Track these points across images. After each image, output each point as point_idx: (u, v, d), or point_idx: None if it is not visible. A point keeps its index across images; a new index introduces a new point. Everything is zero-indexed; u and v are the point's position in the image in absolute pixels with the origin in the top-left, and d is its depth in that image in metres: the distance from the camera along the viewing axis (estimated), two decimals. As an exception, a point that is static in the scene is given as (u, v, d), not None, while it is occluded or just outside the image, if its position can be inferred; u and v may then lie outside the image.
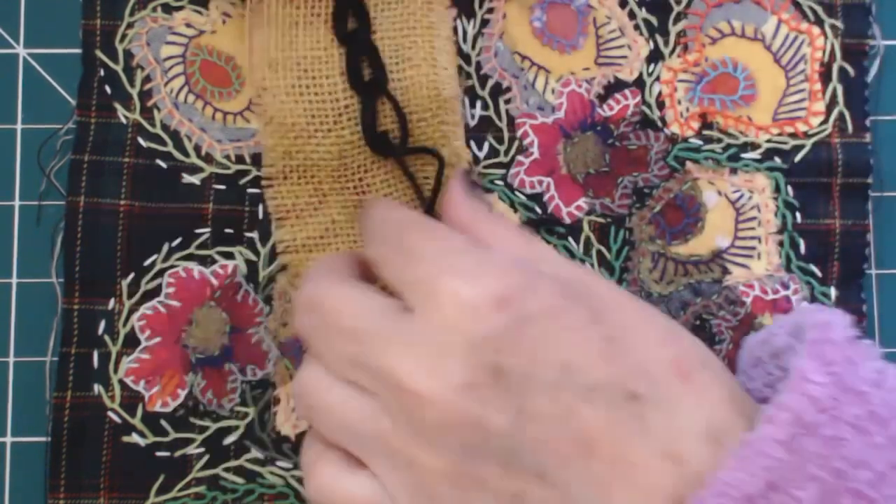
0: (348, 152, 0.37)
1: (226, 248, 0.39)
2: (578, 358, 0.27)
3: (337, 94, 0.37)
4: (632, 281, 0.39)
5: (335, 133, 0.37)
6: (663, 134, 0.40)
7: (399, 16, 0.38)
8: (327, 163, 0.37)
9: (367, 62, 0.37)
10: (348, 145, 0.37)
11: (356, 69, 0.37)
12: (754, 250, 0.40)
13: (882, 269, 0.40)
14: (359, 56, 0.37)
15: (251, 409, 0.39)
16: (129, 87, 0.39)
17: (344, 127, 0.37)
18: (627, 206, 0.40)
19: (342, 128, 0.37)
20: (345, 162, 0.38)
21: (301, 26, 0.38)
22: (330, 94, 0.37)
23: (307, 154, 0.37)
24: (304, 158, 0.37)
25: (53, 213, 0.39)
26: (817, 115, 0.40)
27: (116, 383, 0.38)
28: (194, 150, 0.39)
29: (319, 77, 0.37)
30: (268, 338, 0.39)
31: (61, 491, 0.38)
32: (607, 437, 0.26)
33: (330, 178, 0.38)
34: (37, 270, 0.39)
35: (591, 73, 0.40)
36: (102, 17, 0.39)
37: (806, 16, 0.40)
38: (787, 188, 0.40)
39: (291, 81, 0.37)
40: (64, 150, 0.40)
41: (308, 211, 0.38)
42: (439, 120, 0.37)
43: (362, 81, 0.37)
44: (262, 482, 0.39)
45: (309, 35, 0.38)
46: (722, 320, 0.39)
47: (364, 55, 0.37)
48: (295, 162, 0.38)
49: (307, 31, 0.38)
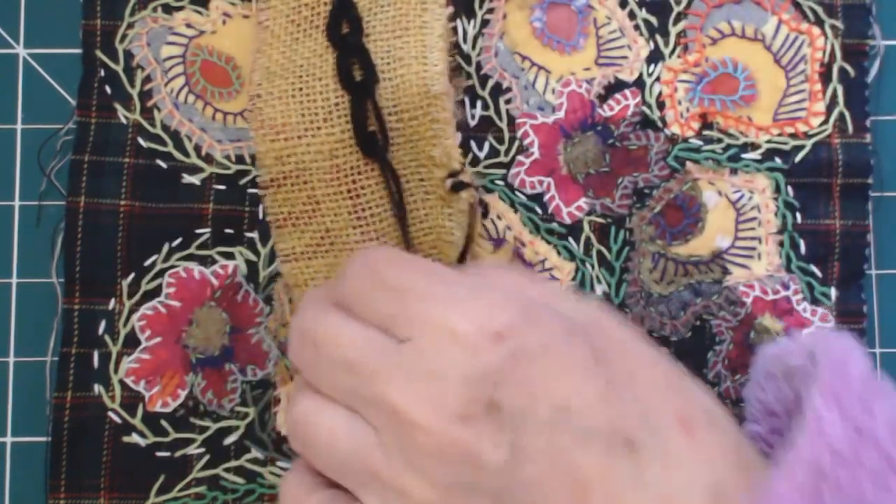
0: (339, 152, 0.37)
1: (226, 249, 0.39)
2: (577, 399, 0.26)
3: (328, 95, 0.37)
4: (632, 281, 0.39)
5: (325, 131, 0.37)
6: (663, 134, 0.40)
7: (392, 18, 0.38)
8: (319, 164, 0.37)
9: (358, 64, 0.37)
10: (339, 144, 0.37)
11: (347, 69, 0.37)
12: (754, 251, 0.40)
13: (882, 269, 0.40)
14: (349, 58, 0.37)
15: (251, 410, 0.39)
16: (129, 88, 0.39)
17: (334, 125, 0.37)
18: (628, 207, 0.40)
19: (332, 125, 0.37)
20: (337, 163, 0.37)
21: (300, 40, 0.38)
22: (321, 93, 0.37)
23: (299, 157, 0.37)
24: (297, 162, 0.37)
25: (53, 213, 0.39)
26: (817, 116, 0.40)
27: (117, 383, 0.38)
28: (194, 150, 0.39)
29: (312, 80, 0.37)
30: (268, 338, 0.39)
31: (61, 491, 0.38)
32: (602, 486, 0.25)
33: (323, 181, 0.37)
34: (37, 270, 0.39)
35: (592, 73, 0.40)
36: (103, 17, 0.39)
37: (806, 16, 0.40)
38: (788, 188, 0.40)
39: (285, 87, 0.37)
40: (64, 150, 0.40)
41: (303, 219, 0.38)
42: (430, 118, 0.37)
43: (353, 81, 0.37)
44: (263, 482, 0.39)
45: (306, 46, 0.38)
46: (722, 321, 0.39)
47: (355, 57, 0.37)
48: (288, 167, 0.37)
49: (305, 42, 0.38)
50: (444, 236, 0.37)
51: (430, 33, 0.38)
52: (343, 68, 0.37)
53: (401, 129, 0.37)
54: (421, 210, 0.37)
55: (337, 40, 0.37)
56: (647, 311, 0.39)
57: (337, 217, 0.37)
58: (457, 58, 0.40)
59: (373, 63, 0.37)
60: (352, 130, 0.37)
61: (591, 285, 0.39)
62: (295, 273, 0.38)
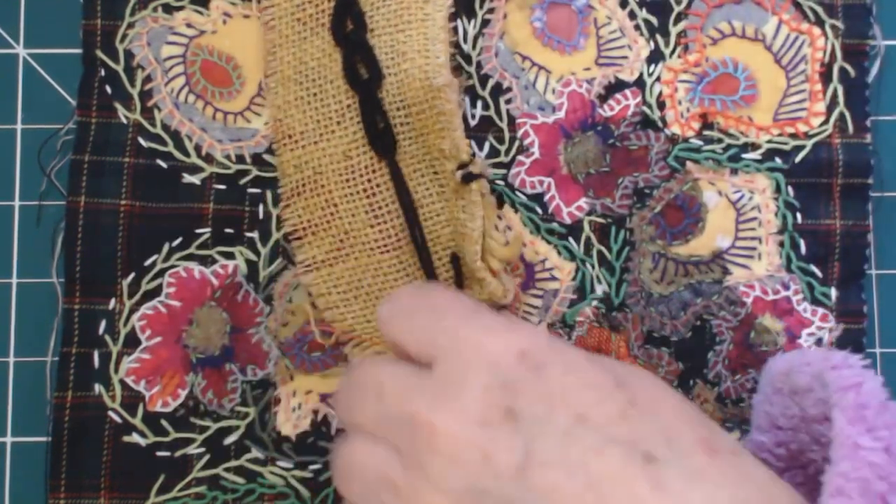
0: (353, 152, 0.38)
1: (226, 248, 0.39)
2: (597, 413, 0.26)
3: (339, 97, 0.38)
4: (632, 281, 0.39)
5: (338, 133, 0.38)
6: (664, 134, 0.40)
7: (394, 11, 0.38)
8: (335, 166, 0.38)
9: (363, 61, 0.38)
10: (353, 144, 0.37)
11: (353, 68, 0.37)
12: (755, 251, 0.40)
13: (882, 269, 0.40)
14: (354, 56, 0.37)
15: (251, 409, 0.39)
16: (129, 87, 0.39)
17: (347, 126, 0.38)
18: (628, 207, 0.40)
19: (345, 127, 0.38)
20: (351, 164, 0.38)
21: (308, 39, 0.38)
22: (333, 96, 0.38)
23: (316, 162, 0.38)
24: (314, 167, 0.38)
25: (54, 213, 0.39)
26: (818, 116, 0.40)
27: (117, 383, 0.38)
28: (195, 150, 0.39)
29: (324, 83, 0.38)
30: (268, 338, 0.39)
31: (62, 491, 0.38)
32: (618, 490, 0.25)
33: (339, 184, 0.38)
34: (37, 270, 0.39)
35: (592, 73, 0.40)
36: (103, 17, 0.39)
37: (806, 16, 0.40)
38: (788, 188, 0.40)
39: (300, 93, 0.38)
40: (64, 150, 0.39)
41: (322, 226, 0.38)
42: (437, 111, 0.37)
43: (360, 80, 0.37)
44: (263, 482, 0.39)
45: (315, 45, 0.38)
46: (722, 321, 0.39)
47: (359, 54, 0.37)
48: (306, 173, 0.38)
49: (314, 41, 0.38)
50: (459, 229, 0.37)
51: (432, 25, 0.38)
52: (349, 67, 0.37)
53: (410, 123, 0.37)
54: (437, 204, 0.37)
55: (341, 39, 0.38)
56: (647, 310, 0.39)
57: (354, 218, 0.38)
58: (457, 58, 0.40)
59: (376, 60, 0.37)
60: (364, 130, 0.37)
61: (592, 285, 0.39)
62: (317, 282, 0.38)
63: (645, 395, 0.28)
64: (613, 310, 0.39)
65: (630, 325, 0.39)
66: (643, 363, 0.39)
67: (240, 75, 0.39)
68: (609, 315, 0.39)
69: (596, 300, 0.39)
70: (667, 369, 0.39)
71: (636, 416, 0.27)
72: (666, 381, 0.31)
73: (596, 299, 0.39)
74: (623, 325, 0.39)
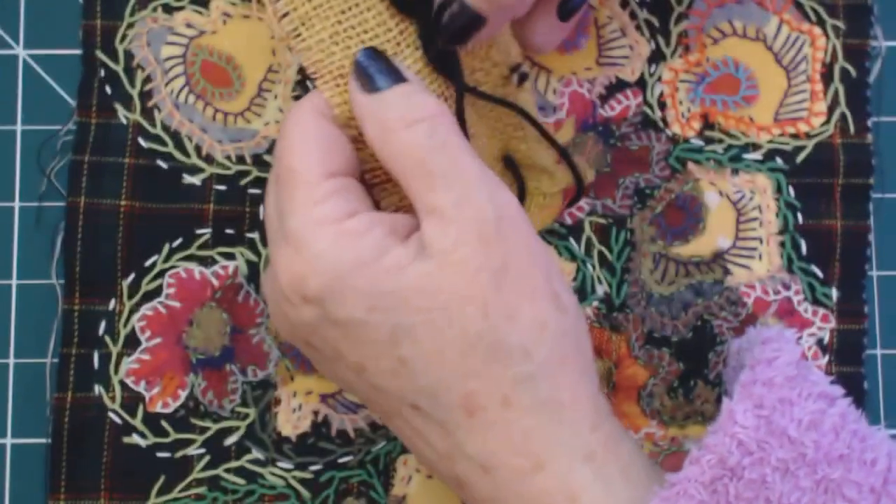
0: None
1: (227, 249, 0.39)
2: (371, 364, 0.30)
3: (388, 24, 0.33)
4: (633, 282, 0.39)
5: (401, 59, 0.33)
6: (665, 134, 0.40)
7: None
8: None
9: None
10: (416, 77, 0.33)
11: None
12: (755, 251, 0.40)
13: (883, 270, 0.40)
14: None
15: (252, 410, 0.39)
16: (129, 88, 0.39)
17: (406, 57, 0.34)
18: (629, 207, 0.40)
19: (405, 58, 0.34)
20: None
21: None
22: (380, 25, 0.33)
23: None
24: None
25: (53, 214, 0.39)
26: (819, 116, 0.40)
27: (117, 384, 0.38)
28: (195, 150, 0.39)
29: (363, 12, 0.33)
30: (269, 338, 0.39)
31: (62, 492, 0.38)
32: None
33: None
34: (37, 272, 0.39)
35: (593, 73, 0.40)
36: (102, 18, 0.39)
37: (807, 16, 0.40)
38: (789, 189, 0.40)
39: (332, 30, 0.33)
40: (64, 150, 0.39)
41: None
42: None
43: (407, 3, 0.33)
44: (263, 483, 0.39)
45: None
46: (723, 321, 0.39)
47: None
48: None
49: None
50: (515, 133, 0.37)
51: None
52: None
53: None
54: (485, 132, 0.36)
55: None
56: (648, 311, 0.39)
57: None
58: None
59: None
60: (424, 60, 0.34)
61: (593, 285, 0.39)
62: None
63: (418, 350, 0.30)
64: (614, 310, 0.39)
65: (631, 326, 0.39)
66: (644, 363, 0.39)
67: (240, 76, 0.39)
68: (610, 315, 0.39)
69: (597, 300, 0.39)
70: (667, 369, 0.39)
71: (404, 373, 0.30)
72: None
73: (597, 300, 0.39)
74: (624, 326, 0.39)
